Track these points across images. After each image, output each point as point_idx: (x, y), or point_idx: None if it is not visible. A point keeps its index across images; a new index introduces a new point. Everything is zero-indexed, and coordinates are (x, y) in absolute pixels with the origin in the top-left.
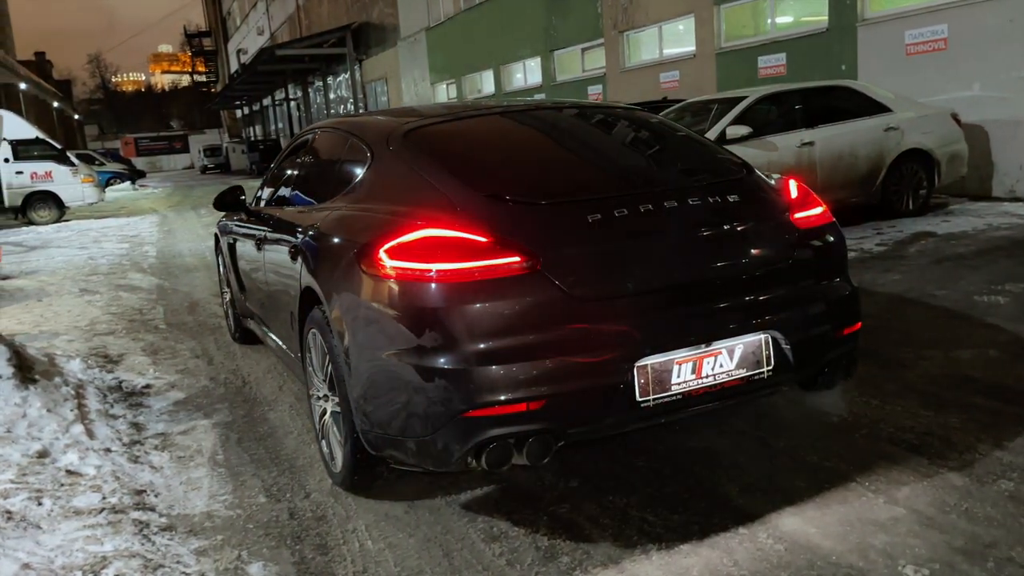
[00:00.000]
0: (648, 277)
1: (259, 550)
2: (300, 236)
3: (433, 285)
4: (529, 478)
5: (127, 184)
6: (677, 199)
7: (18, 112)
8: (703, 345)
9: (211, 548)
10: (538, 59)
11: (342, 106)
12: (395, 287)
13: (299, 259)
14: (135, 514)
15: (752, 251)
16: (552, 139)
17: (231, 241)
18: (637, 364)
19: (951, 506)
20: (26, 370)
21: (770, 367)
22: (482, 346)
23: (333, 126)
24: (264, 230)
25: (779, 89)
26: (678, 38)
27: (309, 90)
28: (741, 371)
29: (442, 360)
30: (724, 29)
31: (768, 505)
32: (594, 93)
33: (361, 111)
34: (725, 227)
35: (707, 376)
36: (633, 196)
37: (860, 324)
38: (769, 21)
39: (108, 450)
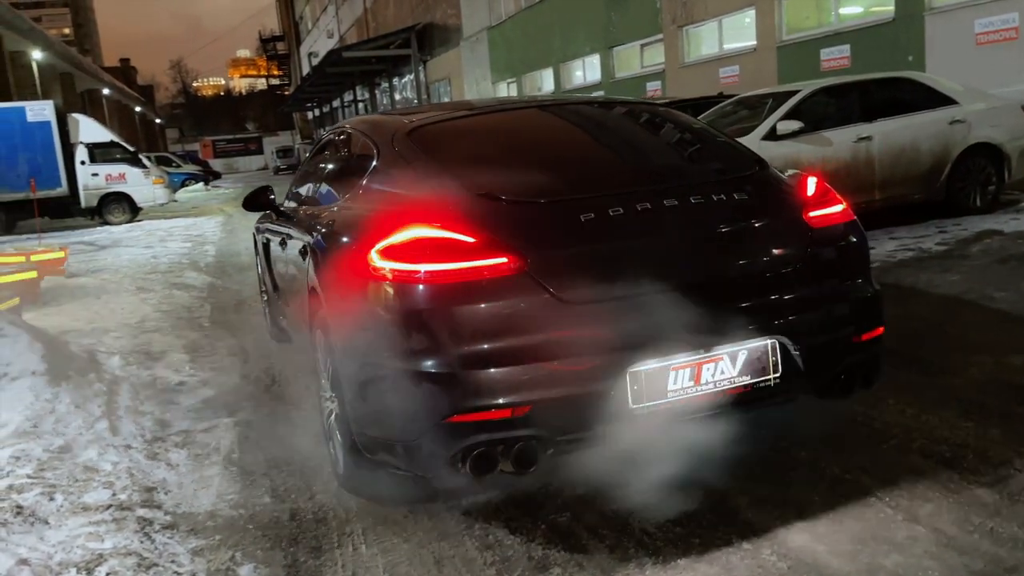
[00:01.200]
0: (643, 279)
1: (253, 551)
2: (309, 236)
3: (421, 286)
4: (534, 484)
5: (200, 185)
6: (678, 197)
7: (101, 116)
8: (702, 350)
9: (208, 548)
10: (597, 56)
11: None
12: (384, 288)
13: (308, 258)
14: (141, 511)
15: (759, 251)
16: (560, 136)
17: (265, 241)
18: (629, 370)
19: (976, 526)
20: (62, 367)
21: (777, 374)
22: (466, 350)
23: (350, 125)
24: (287, 230)
25: (835, 82)
26: (738, 32)
27: (376, 91)
28: (744, 378)
29: (426, 363)
30: (786, 21)
31: (778, 519)
32: (653, 89)
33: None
34: (729, 226)
35: (706, 383)
36: (631, 194)
37: (882, 329)
38: (832, 12)
39: (128, 446)
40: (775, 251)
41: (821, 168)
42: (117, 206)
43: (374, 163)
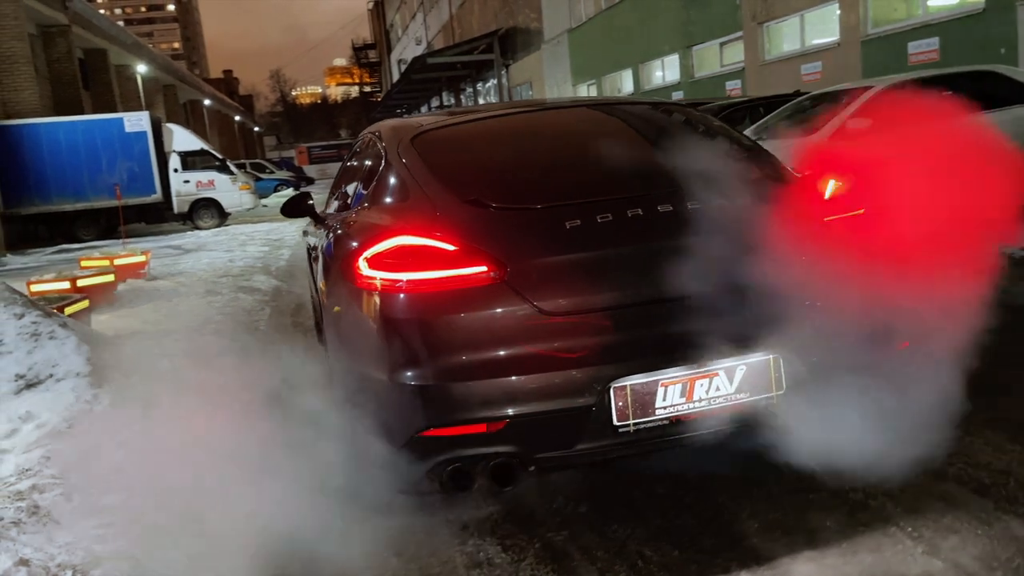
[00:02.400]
0: (631, 289)
1: None
2: (320, 243)
3: (401, 295)
4: (539, 499)
5: (291, 190)
6: (673, 203)
7: (202, 125)
8: (695, 365)
9: (206, 554)
10: (676, 55)
11: None
12: (369, 296)
13: (318, 265)
14: (153, 515)
15: (761, 259)
16: (563, 139)
17: (308, 246)
18: (614, 385)
19: (1001, 561)
20: (106, 369)
21: (781, 391)
22: (441, 361)
23: (372, 131)
24: (315, 236)
25: (911, 77)
26: (821, 27)
27: (461, 96)
28: (743, 395)
29: (402, 375)
30: (871, 14)
31: (785, 547)
32: (732, 88)
33: None
34: (728, 232)
35: (700, 400)
36: (622, 200)
37: (907, 343)
38: (920, 3)
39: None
40: (780, 258)
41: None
42: (206, 211)
43: (380, 169)
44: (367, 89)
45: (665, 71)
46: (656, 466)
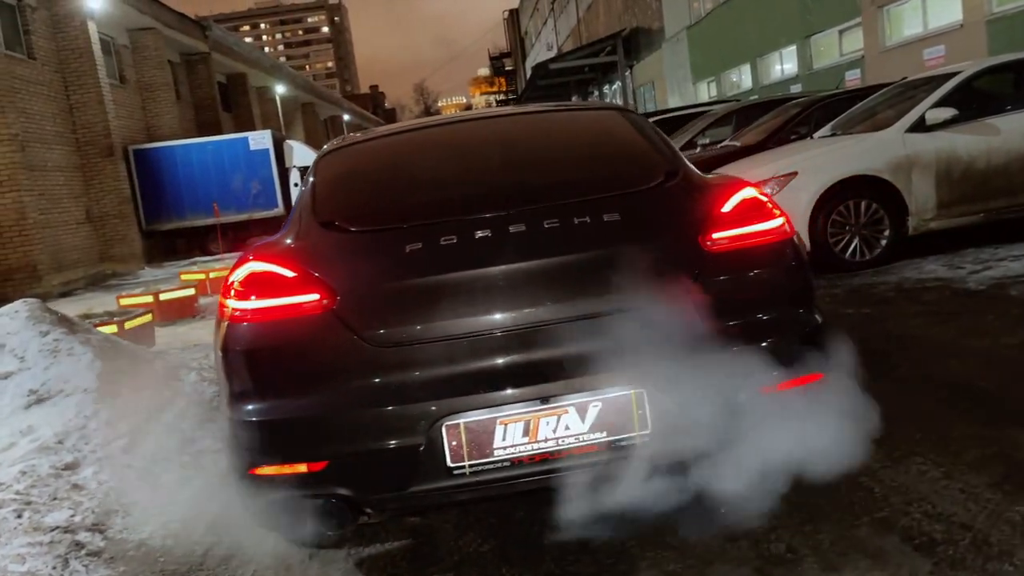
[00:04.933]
0: (468, 318)
1: None
2: None
3: (242, 325)
4: (448, 534)
5: None
6: (528, 222)
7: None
8: (538, 401)
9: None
10: (794, 47)
11: None
12: (222, 325)
13: None
14: (82, 535)
15: (623, 282)
16: (447, 158)
17: None
18: (446, 423)
19: None
20: (116, 384)
21: (646, 431)
22: (265, 396)
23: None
24: None
25: (1006, 60)
26: (944, 8)
27: (589, 100)
28: (598, 435)
29: (231, 409)
30: None
31: None
32: (852, 78)
33: None
34: (585, 254)
35: (546, 440)
36: (472, 221)
37: (820, 375)
38: None
39: (129, 466)
40: (651, 280)
41: (985, 162)
42: None
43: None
44: (501, 97)
45: (783, 64)
46: (589, 502)
